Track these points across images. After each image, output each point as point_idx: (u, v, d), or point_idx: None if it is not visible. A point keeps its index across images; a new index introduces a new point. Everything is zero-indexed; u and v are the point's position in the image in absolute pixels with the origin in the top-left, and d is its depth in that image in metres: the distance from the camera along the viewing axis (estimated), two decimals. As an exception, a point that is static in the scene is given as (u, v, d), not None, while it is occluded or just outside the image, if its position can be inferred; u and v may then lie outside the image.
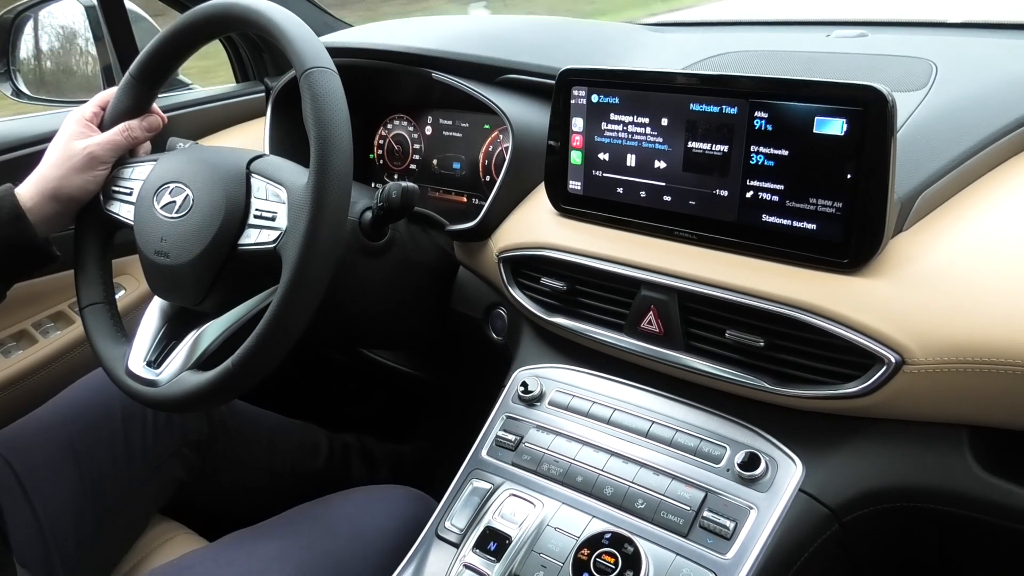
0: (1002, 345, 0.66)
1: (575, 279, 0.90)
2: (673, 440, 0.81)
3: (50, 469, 0.97)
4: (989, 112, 0.84)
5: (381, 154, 1.33)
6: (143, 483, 1.03)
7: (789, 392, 0.75)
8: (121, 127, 0.94)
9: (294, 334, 0.80)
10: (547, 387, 0.91)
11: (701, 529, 0.74)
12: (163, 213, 0.88)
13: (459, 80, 1.10)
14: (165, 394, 0.85)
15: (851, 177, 0.71)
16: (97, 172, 0.93)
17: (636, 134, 0.84)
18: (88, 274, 0.95)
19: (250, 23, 0.85)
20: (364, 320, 1.10)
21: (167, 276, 0.87)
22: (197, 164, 0.89)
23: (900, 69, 0.93)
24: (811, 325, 0.72)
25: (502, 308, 1.07)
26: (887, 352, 0.69)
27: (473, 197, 1.23)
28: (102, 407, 1.03)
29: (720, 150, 0.78)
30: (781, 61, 1.02)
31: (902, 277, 0.71)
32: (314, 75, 0.80)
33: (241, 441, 1.16)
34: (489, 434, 0.90)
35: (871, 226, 0.71)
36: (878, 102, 0.68)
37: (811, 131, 0.72)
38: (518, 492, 0.83)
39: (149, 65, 0.95)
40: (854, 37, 1.09)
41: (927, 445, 0.72)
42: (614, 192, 0.87)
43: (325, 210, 0.77)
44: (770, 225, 0.76)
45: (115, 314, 0.95)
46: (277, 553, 0.87)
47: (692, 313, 0.81)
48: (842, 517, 0.74)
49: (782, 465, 0.76)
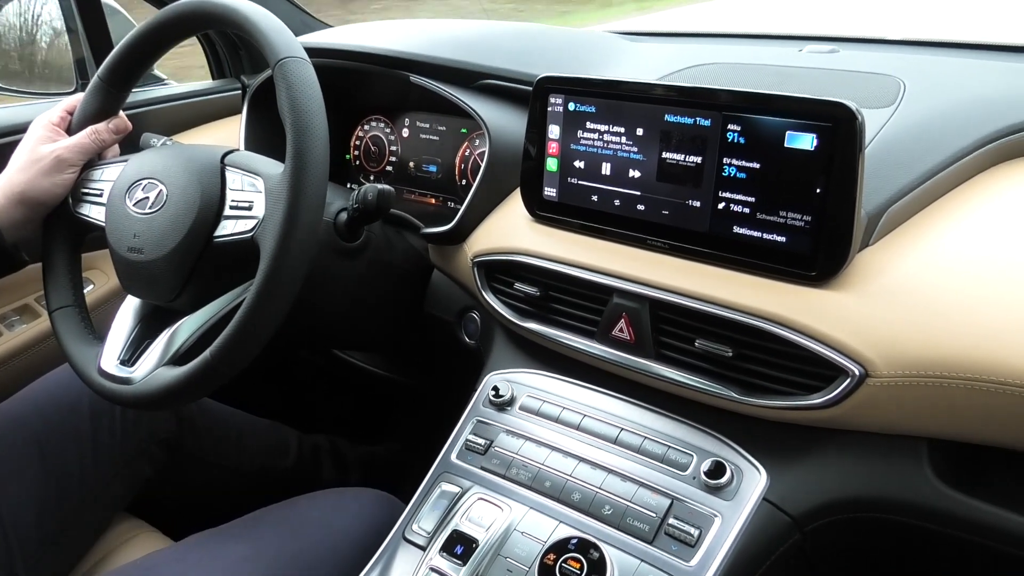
0: (963, 360, 0.67)
1: (548, 285, 0.91)
2: (641, 447, 0.82)
3: (14, 464, 0.96)
4: (955, 130, 0.86)
5: (357, 155, 1.33)
6: (109, 481, 1.01)
7: (755, 402, 0.76)
8: (88, 130, 0.94)
9: (273, 323, 0.79)
10: (518, 392, 0.92)
11: (666, 536, 0.75)
12: (135, 210, 0.87)
13: (437, 84, 1.10)
14: (139, 391, 0.84)
15: (820, 191, 0.72)
16: (65, 175, 0.92)
17: (611, 143, 0.85)
18: (57, 277, 0.94)
19: (223, 20, 0.85)
20: (337, 321, 1.09)
21: (141, 273, 0.87)
22: (170, 159, 0.89)
23: (870, 86, 0.95)
24: (778, 336, 0.74)
25: (475, 312, 1.07)
26: (851, 364, 0.70)
27: (449, 200, 1.23)
28: (69, 403, 1.02)
29: (693, 161, 0.80)
30: (754, 74, 1.03)
31: (868, 291, 0.73)
32: (288, 64, 0.80)
33: (210, 439, 1.15)
34: (459, 438, 0.90)
35: (838, 240, 0.72)
36: (847, 118, 0.70)
37: (782, 145, 0.74)
38: (486, 496, 0.83)
39: (119, 67, 0.94)
40: (826, 53, 1.11)
41: (888, 457, 0.74)
42: (589, 200, 0.88)
43: (303, 195, 0.77)
44: (740, 236, 0.77)
45: (85, 316, 0.94)
46: (243, 555, 0.86)
47: (663, 322, 0.82)
48: (804, 526, 0.75)
49: (747, 474, 0.77)
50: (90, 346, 0.91)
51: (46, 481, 0.97)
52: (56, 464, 0.98)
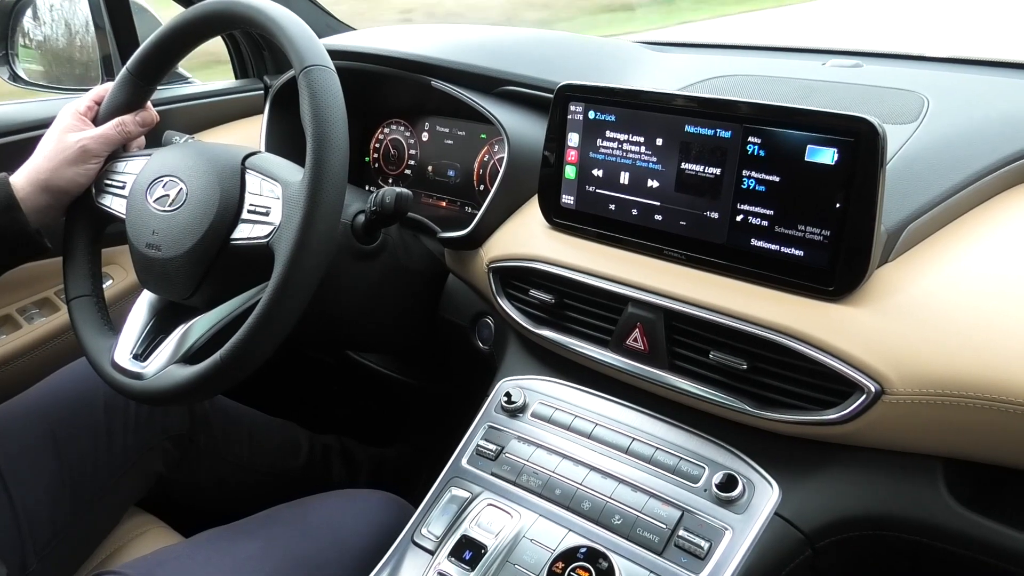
0: (980, 379, 0.67)
1: (563, 292, 0.91)
2: (653, 458, 0.82)
3: (29, 456, 0.97)
4: (978, 148, 0.85)
5: (377, 158, 1.34)
6: (122, 475, 1.02)
7: (769, 416, 0.76)
8: (115, 122, 0.95)
9: (284, 329, 0.80)
10: (530, 398, 0.91)
11: (676, 548, 0.75)
12: (156, 206, 0.88)
13: (458, 89, 1.10)
14: (151, 387, 0.85)
15: (840, 206, 0.72)
16: (89, 165, 0.93)
17: (630, 152, 0.85)
18: (77, 266, 0.95)
19: (251, 21, 0.86)
20: (352, 323, 1.10)
21: (158, 269, 0.87)
22: (192, 158, 0.89)
23: (893, 102, 0.94)
24: (793, 350, 0.73)
25: (489, 317, 1.07)
26: (867, 381, 0.70)
27: (466, 205, 1.23)
28: (85, 396, 1.03)
29: (712, 172, 0.79)
30: (776, 86, 1.03)
31: (886, 307, 0.72)
32: (313, 73, 0.80)
33: (222, 437, 1.16)
34: (470, 443, 0.90)
35: (857, 255, 0.72)
36: (869, 134, 0.69)
37: (802, 159, 0.73)
38: (496, 502, 0.83)
39: (147, 61, 0.95)
40: (849, 67, 1.10)
41: (902, 475, 0.73)
42: (606, 208, 0.88)
43: (320, 206, 0.78)
44: (758, 249, 0.77)
45: (103, 307, 0.95)
46: (253, 553, 0.86)
47: (677, 332, 0.82)
48: (816, 542, 0.75)
49: (759, 488, 0.76)
50: (105, 338, 0.92)
51: (60, 473, 0.98)
52: (70, 457, 0.99)
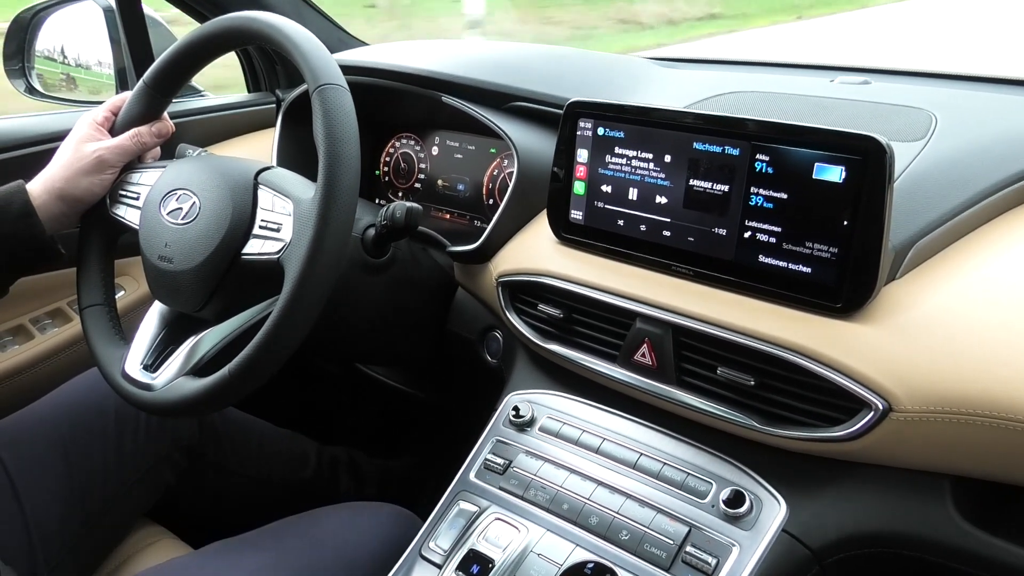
0: (987, 397, 0.67)
1: (572, 307, 0.91)
2: (660, 473, 0.82)
3: (40, 466, 0.98)
4: (986, 166, 0.86)
5: (387, 171, 1.35)
6: (132, 485, 1.03)
7: (777, 432, 0.76)
8: (131, 132, 0.96)
9: (292, 345, 0.80)
10: (538, 413, 0.92)
11: (683, 564, 0.75)
12: (169, 219, 0.89)
13: (468, 104, 1.11)
14: (160, 398, 0.85)
15: (847, 224, 0.72)
16: (104, 176, 0.94)
17: (639, 168, 0.86)
18: (90, 275, 0.96)
19: (266, 38, 0.87)
20: (361, 335, 1.10)
21: (169, 281, 0.88)
22: (205, 172, 0.90)
23: (901, 119, 0.95)
24: (801, 367, 0.73)
25: (498, 331, 1.08)
26: (874, 398, 0.70)
27: (475, 219, 1.24)
28: (96, 407, 1.04)
29: (721, 189, 0.80)
30: (784, 104, 1.03)
31: (893, 324, 0.72)
32: (326, 91, 0.81)
33: (231, 448, 1.16)
34: (478, 457, 0.91)
35: (865, 272, 0.72)
36: (877, 152, 0.70)
37: (810, 176, 0.74)
38: (504, 516, 0.84)
39: (164, 73, 0.96)
40: (857, 84, 1.11)
41: (910, 492, 0.73)
42: (615, 224, 0.89)
43: (330, 225, 0.79)
44: (766, 266, 0.77)
45: (114, 316, 0.96)
46: (261, 565, 0.87)
47: (685, 348, 0.82)
48: (823, 559, 0.75)
49: (767, 504, 0.76)
50: (116, 347, 0.92)
51: (71, 483, 0.98)
52: (81, 467, 1.00)
